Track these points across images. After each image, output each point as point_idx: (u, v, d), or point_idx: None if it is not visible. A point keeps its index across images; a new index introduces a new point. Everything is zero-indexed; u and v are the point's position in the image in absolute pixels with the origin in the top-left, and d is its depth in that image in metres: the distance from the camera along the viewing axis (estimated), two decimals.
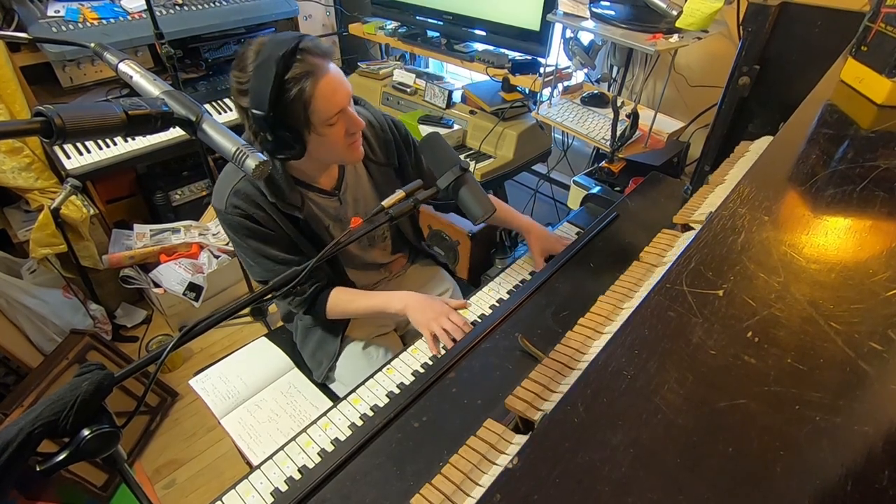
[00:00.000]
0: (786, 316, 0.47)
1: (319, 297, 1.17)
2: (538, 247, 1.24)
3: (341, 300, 1.18)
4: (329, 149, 1.02)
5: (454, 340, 1.04)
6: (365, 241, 1.30)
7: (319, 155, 1.04)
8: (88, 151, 1.95)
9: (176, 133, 1.44)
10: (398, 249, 1.39)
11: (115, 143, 1.99)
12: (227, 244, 2.25)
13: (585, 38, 1.67)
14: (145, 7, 1.61)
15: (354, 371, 1.21)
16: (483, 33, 1.99)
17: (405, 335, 1.39)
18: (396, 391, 0.98)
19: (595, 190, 1.69)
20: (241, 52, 0.94)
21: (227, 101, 2.29)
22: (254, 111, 0.92)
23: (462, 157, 1.22)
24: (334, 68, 0.96)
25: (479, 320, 1.13)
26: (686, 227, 0.93)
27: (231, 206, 1.04)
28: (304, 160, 1.04)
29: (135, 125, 0.58)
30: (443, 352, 1.06)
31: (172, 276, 2.11)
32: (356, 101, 1.13)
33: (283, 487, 0.84)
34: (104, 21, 2.03)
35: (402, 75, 2.27)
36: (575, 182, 1.83)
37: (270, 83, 0.88)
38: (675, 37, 1.34)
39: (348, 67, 3.01)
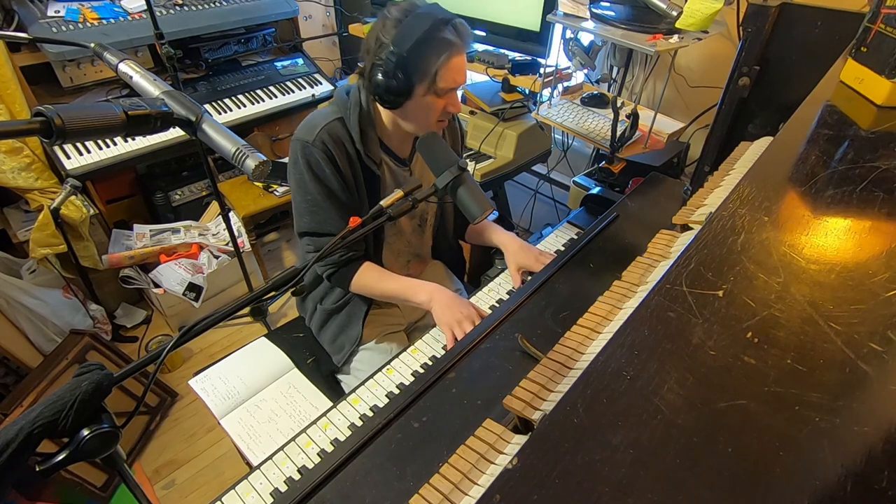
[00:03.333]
0: (786, 317, 0.47)
1: (350, 266, 1.19)
2: (514, 262, 1.24)
3: (370, 276, 1.20)
4: (423, 115, 1.08)
5: None
6: (416, 222, 1.33)
7: (411, 117, 1.09)
8: (88, 151, 1.95)
9: (176, 133, 1.44)
10: (436, 241, 1.43)
11: (115, 143, 1.99)
12: (227, 244, 2.25)
13: (585, 38, 1.67)
14: (145, 7, 1.60)
15: (370, 366, 1.21)
16: (483, 34, 1.99)
17: (410, 334, 1.39)
18: (396, 391, 0.98)
19: (595, 190, 1.69)
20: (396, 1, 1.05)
21: (227, 101, 2.29)
22: (392, 47, 0.99)
23: (462, 157, 1.23)
24: (464, 57, 1.07)
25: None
26: (686, 228, 0.93)
27: (320, 140, 1.09)
28: (391, 121, 1.12)
29: (135, 125, 0.58)
30: None
31: (172, 277, 2.11)
32: None
33: (283, 488, 0.83)
34: (104, 21, 2.03)
35: None
36: (575, 182, 1.83)
37: (422, 31, 0.99)
38: (675, 37, 1.34)
39: (348, 68, 3.01)
